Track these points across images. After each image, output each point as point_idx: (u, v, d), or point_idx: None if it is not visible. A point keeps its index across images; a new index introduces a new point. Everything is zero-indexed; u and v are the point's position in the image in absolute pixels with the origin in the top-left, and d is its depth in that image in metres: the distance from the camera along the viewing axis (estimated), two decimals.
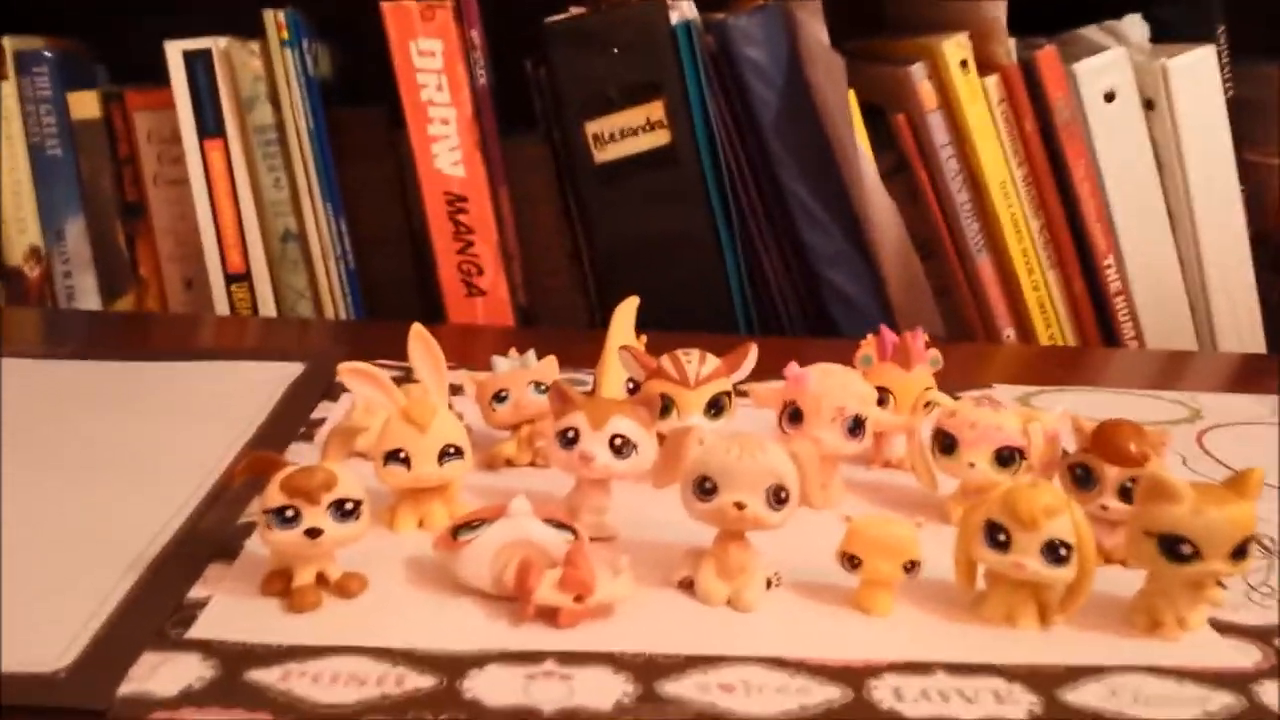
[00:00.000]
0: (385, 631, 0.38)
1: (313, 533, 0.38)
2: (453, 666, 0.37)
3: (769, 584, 0.43)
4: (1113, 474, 0.45)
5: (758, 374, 0.52)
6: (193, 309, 0.84)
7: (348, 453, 0.39)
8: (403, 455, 0.44)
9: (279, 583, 0.40)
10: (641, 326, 0.58)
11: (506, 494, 0.42)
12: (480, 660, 0.37)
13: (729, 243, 0.79)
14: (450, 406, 0.51)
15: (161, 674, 0.35)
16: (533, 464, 0.53)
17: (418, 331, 0.45)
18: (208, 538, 0.44)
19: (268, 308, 0.81)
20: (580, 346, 0.61)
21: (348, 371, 0.43)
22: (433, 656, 0.37)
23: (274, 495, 0.38)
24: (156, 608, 0.39)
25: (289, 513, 0.38)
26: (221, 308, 0.81)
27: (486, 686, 0.36)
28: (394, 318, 0.83)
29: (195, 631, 0.38)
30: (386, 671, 0.36)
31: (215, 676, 0.36)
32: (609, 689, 0.36)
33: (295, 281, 0.80)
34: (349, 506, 0.38)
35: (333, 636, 0.38)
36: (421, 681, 0.36)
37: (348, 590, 0.40)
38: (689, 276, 0.79)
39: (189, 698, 0.34)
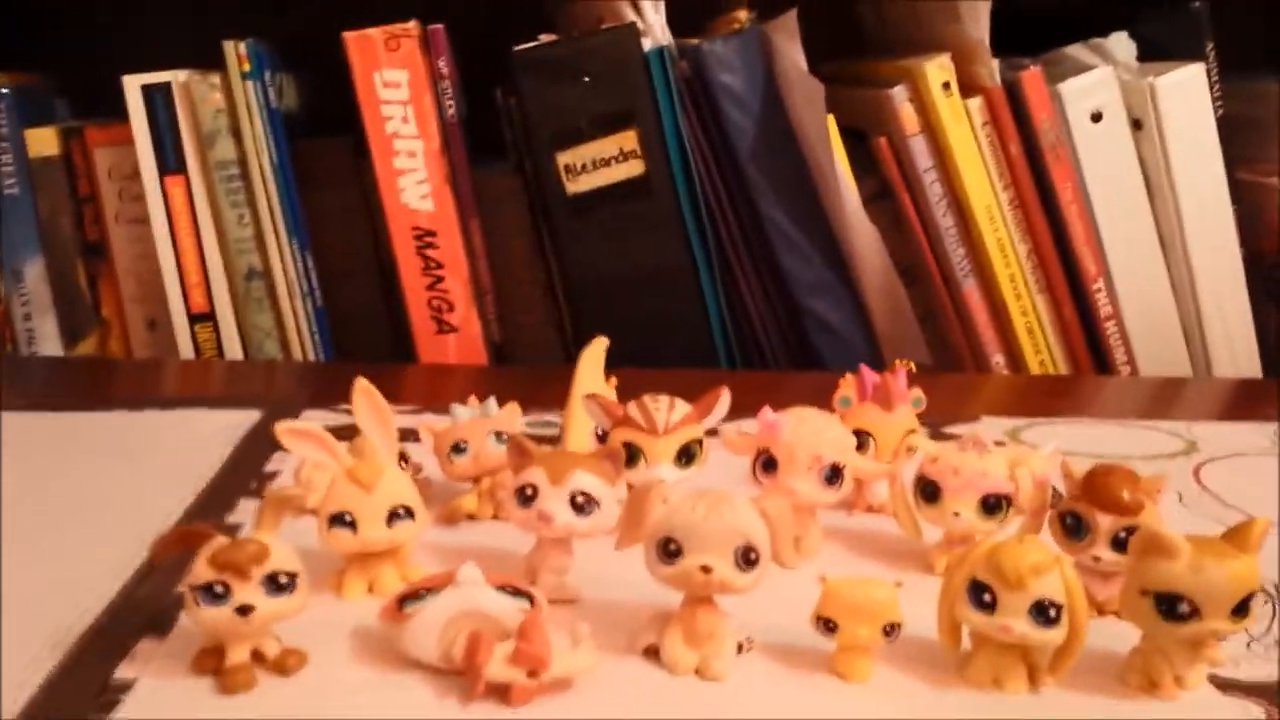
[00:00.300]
0: (323, 712, 0.36)
1: (244, 610, 0.35)
2: None
3: (740, 649, 0.40)
4: (1105, 523, 0.43)
5: (738, 411, 0.49)
6: (157, 351, 0.82)
7: (282, 521, 0.37)
8: (348, 518, 0.41)
9: (212, 661, 0.37)
10: (619, 361, 0.56)
11: (464, 552, 0.40)
12: None
13: (707, 273, 0.77)
14: (407, 458, 0.49)
15: None
16: (495, 518, 0.50)
17: (362, 387, 0.43)
18: (141, 610, 0.41)
19: (233, 348, 0.78)
20: (555, 386, 0.58)
21: (286, 433, 0.40)
22: None
23: (202, 571, 0.35)
24: (79, 691, 0.36)
25: (218, 589, 0.35)
26: (186, 349, 0.79)
27: None
28: (364, 353, 0.80)
29: (118, 717, 0.35)
30: None
31: None
32: None
33: (261, 321, 0.78)
34: (283, 580, 0.36)
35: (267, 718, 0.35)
36: None
37: (285, 668, 0.37)
38: (667, 309, 0.77)
39: None
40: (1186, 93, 0.77)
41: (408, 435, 0.52)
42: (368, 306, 0.81)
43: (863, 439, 0.51)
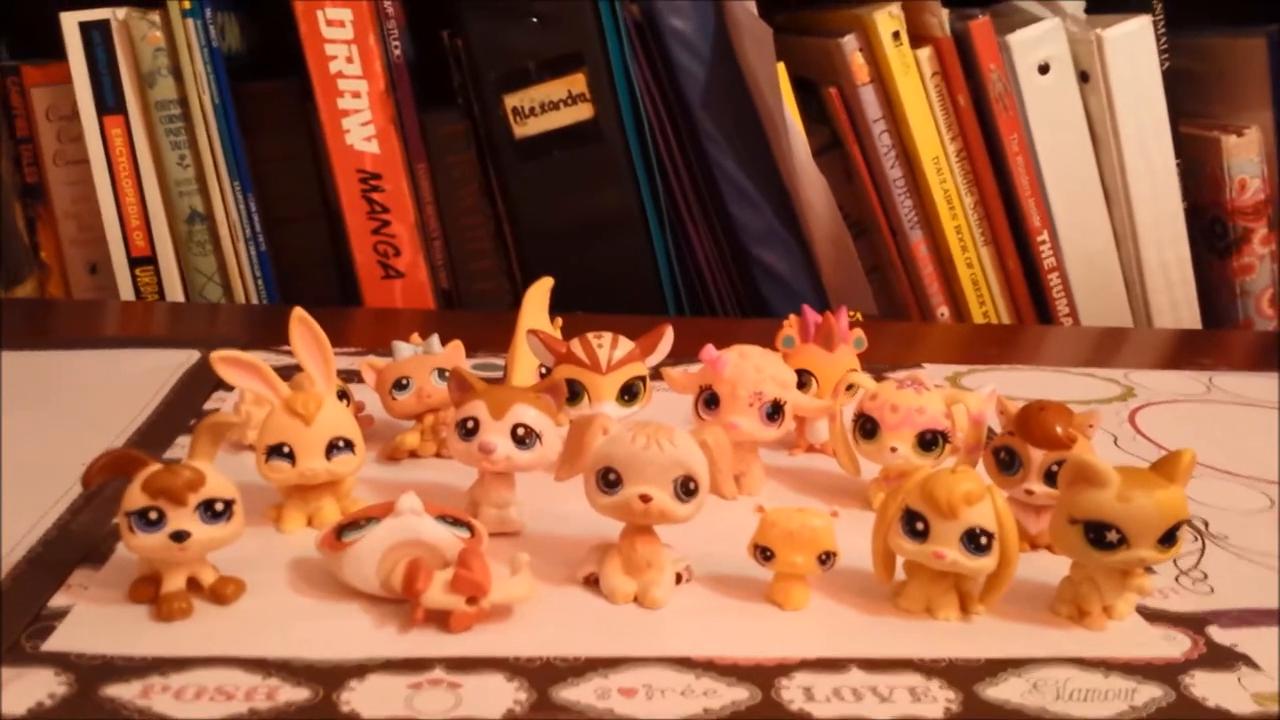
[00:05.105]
0: (261, 640, 0.36)
1: (179, 536, 0.35)
2: (331, 677, 0.34)
3: (679, 578, 0.41)
4: (1038, 457, 0.43)
5: (685, 357, 0.49)
6: (98, 295, 0.80)
7: (217, 449, 0.36)
8: (286, 450, 0.41)
9: (148, 589, 0.37)
10: (568, 309, 0.55)
11: (407, 488, 0.39)
12: (362, 670, 0.34)
13: (656, 221, 0.76)
14: (349, 397, 0.49)
15: (11, 691, 0.32)
16: (438, 455, 0.50)
17: (299, 316, 0.42)
18: (76, 541, 0.40)
19: (175, 292, 0.77)
20: (502, 331, 0.58)
21: (221, 362, 0.40)
22: (310, 666, 0.34)
23: (135, 497, 0.35)
24: (11, 619, 0.36)
25: (152, 515, 0.35)
26: (127, 293, 0.77)
27: (366, 698, 0.33)
28: (310, 301, 0.79)
29: (52, 643, 0.35)
30: (257, 684, 0.33)
31: (68, 693, 0.33)
32: (500, 696, 0.34)
33: (203, 264, 0.77)
34: (219, 507, 0.36)
35: (202, 646, 0.35)
36: (295, 694, 0.33)
37: (223, 596, 0.37)
38: (616, 256, 0.76)
39: (37, 718, 0.32)
40: (1133, 45, 0.78)
41: (352, 377, 0.51)
42: (315, 254, 0.80)
43: (804, 378, 0.52)
